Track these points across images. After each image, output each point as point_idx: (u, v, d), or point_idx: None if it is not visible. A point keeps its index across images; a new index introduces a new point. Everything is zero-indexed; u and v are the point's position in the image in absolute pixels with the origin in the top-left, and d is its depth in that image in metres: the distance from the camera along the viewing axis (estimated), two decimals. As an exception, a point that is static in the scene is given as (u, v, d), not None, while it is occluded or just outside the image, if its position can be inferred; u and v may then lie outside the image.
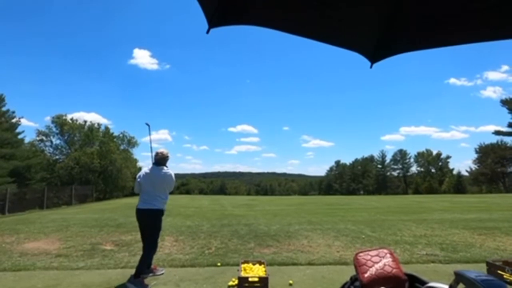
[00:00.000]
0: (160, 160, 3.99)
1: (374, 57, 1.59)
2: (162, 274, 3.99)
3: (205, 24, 1.32)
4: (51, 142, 33.41)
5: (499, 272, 3.72)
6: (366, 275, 1.78)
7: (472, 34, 1.41)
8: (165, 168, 3.95)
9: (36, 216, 11.48)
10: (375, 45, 1.53)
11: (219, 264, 4.47)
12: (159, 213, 3.82)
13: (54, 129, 33.18)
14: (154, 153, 4.12)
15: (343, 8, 1.37)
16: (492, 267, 3.89)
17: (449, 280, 1.53)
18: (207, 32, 1.32)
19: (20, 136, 27.23)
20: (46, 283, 3.74)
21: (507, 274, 3.65)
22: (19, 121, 26.88)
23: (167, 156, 4.04)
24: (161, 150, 4.06)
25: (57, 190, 21.07)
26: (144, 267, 3.72)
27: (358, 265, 1.88)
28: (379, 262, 1.82)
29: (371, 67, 1.62)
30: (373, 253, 1.90)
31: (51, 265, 4.49)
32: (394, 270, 1.77)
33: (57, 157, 33.16)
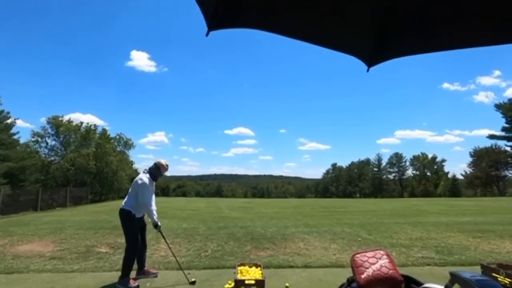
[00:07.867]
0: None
1: (371, 61, 1.61)
2: (156, 276, 3.96)
3: (204, 27, 1.32)
4: (47, 143, 33.17)
5: (494, 274, 3.75)
6: (363, 276, 1.79)
7: (468, 39, 1.43)
8: (141, 174, 4.02)
9: (30, 218, 11.34)
10: (372, 49, 1.55)
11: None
12: (120, 212, 3.87)
13: (49, 130, 33.00)
14: None
15: (340, 12, 1.38)
16: (486, 270, 3.92)
17: (444, 282, 1.54)
18: (207, 34, 1.32)
19: (15, 137, 26.96)
20: (40, 286, 3.70)
21: (502, 277, 3.68)
22: (14, 122, 26.56)
23: (152, 166, 4.08)
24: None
25: (52, 191, 20.79)
26: (126, 266, 3.72)
27: (355, 266, 1.89)
28: (376, 263, 1.83)
29: (367, 71, 1.63)
30: (370, 254, 1.91)
31: (45, 268, 4.44)
32: (391, 271, 1.78)
33: (52, 158, 32.87)
